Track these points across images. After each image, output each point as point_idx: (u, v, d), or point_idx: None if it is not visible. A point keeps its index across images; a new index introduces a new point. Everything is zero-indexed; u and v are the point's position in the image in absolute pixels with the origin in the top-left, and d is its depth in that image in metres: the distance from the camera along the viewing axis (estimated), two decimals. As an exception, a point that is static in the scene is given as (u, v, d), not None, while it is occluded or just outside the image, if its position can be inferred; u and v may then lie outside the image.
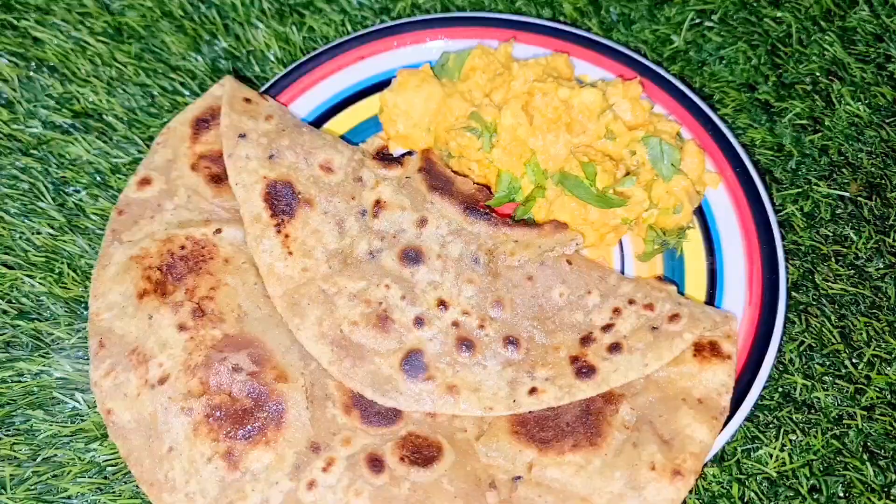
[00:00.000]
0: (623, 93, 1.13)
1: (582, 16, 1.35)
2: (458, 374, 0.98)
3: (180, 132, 1.16)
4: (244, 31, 1.33)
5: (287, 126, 1.15)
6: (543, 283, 1.04)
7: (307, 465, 0.94)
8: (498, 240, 1.06)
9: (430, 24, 1.27)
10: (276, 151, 1.11)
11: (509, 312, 1.03)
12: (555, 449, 0.94)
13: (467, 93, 1.17)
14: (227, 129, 1.12)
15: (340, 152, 1.13)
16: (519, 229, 1.07)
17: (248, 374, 0.98)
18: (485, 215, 1.07)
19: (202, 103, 1.18)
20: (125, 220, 1.10)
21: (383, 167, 1.13)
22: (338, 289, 1.04)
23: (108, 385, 1.00)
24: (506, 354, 1.00)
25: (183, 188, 1.12)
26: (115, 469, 1.03)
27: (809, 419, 1.04)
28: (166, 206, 1.11)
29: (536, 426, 0.97)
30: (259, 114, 1.15)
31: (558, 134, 1.10)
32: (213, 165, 1.13)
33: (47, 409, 1.06)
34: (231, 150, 1.10)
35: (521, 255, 1.05)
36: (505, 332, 1.01)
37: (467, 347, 1.00)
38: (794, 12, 1.34)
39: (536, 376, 0.98)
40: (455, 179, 1.14)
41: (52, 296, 1.12)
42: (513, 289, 1.04)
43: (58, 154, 1.23)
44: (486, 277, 1.04)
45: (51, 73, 1.28)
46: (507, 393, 0.97)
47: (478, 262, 1.05)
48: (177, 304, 1.03)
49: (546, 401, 0.96)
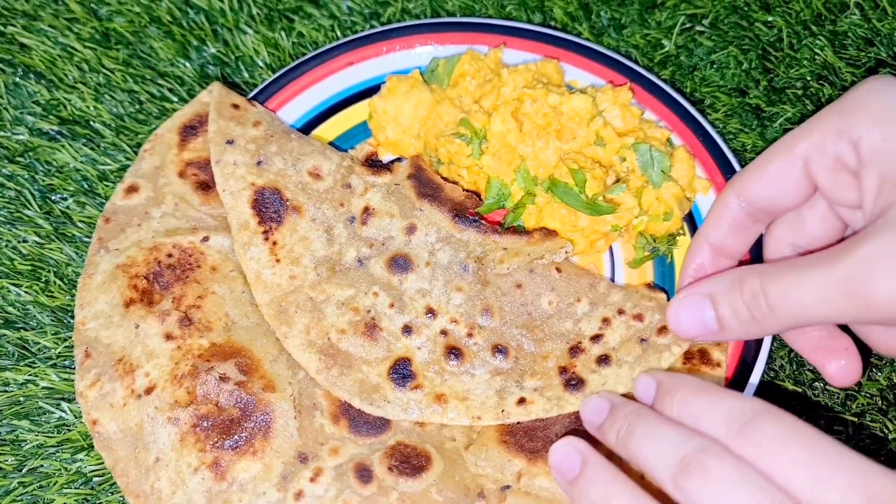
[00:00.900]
0: (613, 99, 1.13)
1: (572, 20, 1.34)
2: (447, 382, 0.98)
3: (168, 139, 1.16)
4: (233, 36, 1.33)
5: (275, 132, 1.14)
6: (532, 291, 1.04)
7: (295, 476, 0.94)
8: (487, 247, 1.06)
9: (419, 29, 1.26)
10: (264, 158, 1.10)
11: (498, 320, 1.02)
12: (544, 458, 0.94)
13: (457, 99, 1.17)
14: (214, 135, 1.11)
15: (329, 158, 1.13)
16: (508, 237, 1.06)
17: (236, 384, 0.97)
18: (474, 222, 1.06)
19: (190, 110, 1.18)
20: (112, 228, 1.10)
21: (372, 174, 1.12)
22: (326, 296, 1.03)
23: (93, 395, 0.99)
24: (494, 363, 0.99)
25: (170, 196, 1.12)
26: (101, 480, 1.02)
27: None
28: (153, 214, 1.10)
29: (525, 436, 0.96)
30: (247, 120, 1.14)
31: (548, 140, 1.09)
32: (200, 172, 1.13)
33: (33, 419, 1.05)
34: (219, 156, 1.10)
35: (511, 262, 1.04)
36: (493, 341, 1.01)
37: (455, 356, 0.99)
38: (784, 16, 1.33)
39: (525, 386, 0.97)
40: (444, 186, 1.13)
41: (39, 304, 1.11)
42: (501, 297, 1.03)
43: (45, 161, 1.22)
44: (475, 285, 1.03)
45: (38, 80, 1.28)
46: (496, 402, 0.96)
47: (466, 269, 1.04)
48: (164, 312, 1.02)
49: (535, 412, 0.96)
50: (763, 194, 0.91)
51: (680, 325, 0.92)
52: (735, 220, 0.95)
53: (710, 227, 0.97)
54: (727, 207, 0.95)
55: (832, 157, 0.84)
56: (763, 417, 0.73)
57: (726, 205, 0.95)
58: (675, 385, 0.82)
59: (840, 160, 0.83)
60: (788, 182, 0.89)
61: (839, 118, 0.83)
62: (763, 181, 0.91)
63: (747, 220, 0.95)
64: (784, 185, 0.89)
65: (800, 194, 0.90)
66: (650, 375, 0.86)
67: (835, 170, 0.84)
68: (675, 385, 0.82)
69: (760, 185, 0.91)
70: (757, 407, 0.74)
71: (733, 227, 0.95)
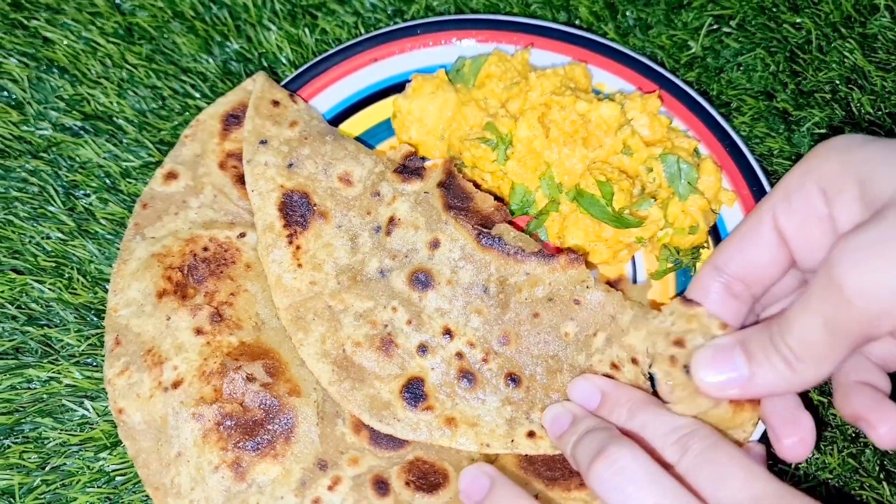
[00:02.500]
0: (641, 107, 1.12)
1: (598, 20, 1.33)
2: (457, 406, 0.97)
3: (210, 126, 1.15)
4: (256, 32, 1.32)
5: (311, 134, 1.13)
6: (550, 321, 1.01)
7: (313, 482, 0.94)
8: (510, 269, 1.03)
9: (445, 26, 1.24)
10: (295, 160, 1.09)
11: (514, 348, 1.00)
12: (561, 486, 0.94)
13: (482, 101, 1.16)
14: (249, 134, 1.11)
15: (362, 164, 1.11)
16: (531, 261, 1.02)
17: (262, 385, 0.98)
18: (498, 242, 1.04)
19: (233, 97, 1.17)
20: (149, 215, 1.10)
21: (402, 181, 1.09)
22: (344, 306, 1.02)
23: (122, 384, 1.00)
24: (506, 391, 0.98)
25: (210, 186, 1.11)
26: (124, 479, 1.03)
27: (825, 437, 1.03)
28: (191, 204, 1.10)
29: (544, 465, 0.96)
30: (284, 119, 1.13)
31: (574, 148, 1.08)
32: (240, 165, 1.12)
33: (56, 416, 1.06)
34: (251, 155, 1.09)
35: (532, 290, 1.02)
36: (508, 369, 0.99)
37: (469, 380, 0.98)
38: (813, 18, 1.31)
39: (534, 420, 0.97)
40: (475, 196, 1.10)
41: (62, 301, 1.12)
42: (519, 324, 1.01)
43: (68, 157, 1.22)
44: (495, 309, 1.02)
45: (61, 75, 1.27)
46: (506, 431, 0.96)
47: (487, 292, 1.03)
48: (196, 307, 1.02)
49: (543, 448, 0.95)
50: (739, 264, 0.91)
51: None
52: (719, 296, 0.93)
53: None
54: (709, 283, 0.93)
55: (801, 204, 0.84)
56: (694, 434, 0.83)
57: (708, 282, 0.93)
58: (622, 397, 0.91)
59: (809, 204, 0.84)
60: (762, 245, 0.88)
61: (801, 169, 0.85)
62: (737, 250, 0.91)
63: (728, 295, 0.93)
64: (757, 250, 0.89)
65: (775, 261, 0.89)
66: (590, 383, 0.93)
67: (804, 217, 0.84)
68: (622, 397, 0.91)
69: (735, 254, 0.91)
70: (691, 424, 0.85)
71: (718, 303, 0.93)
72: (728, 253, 0.91)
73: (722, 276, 0.92)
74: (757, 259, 0.89)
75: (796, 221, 0.85)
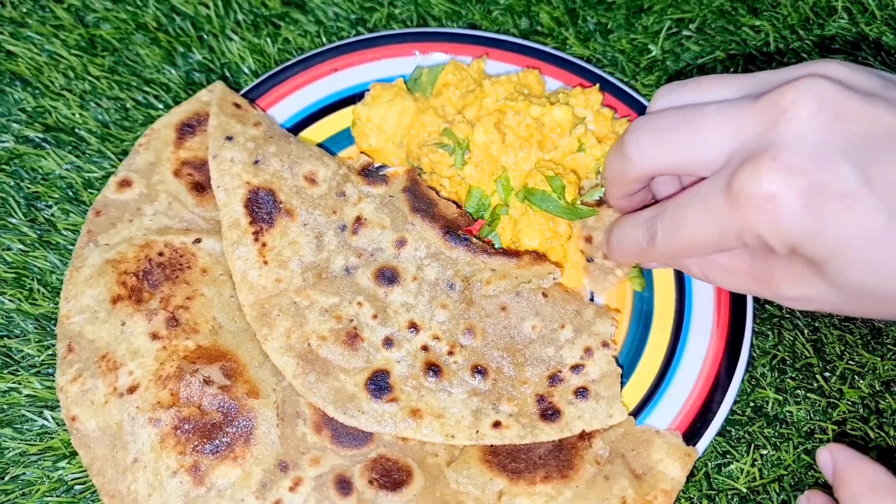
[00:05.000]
0: (585, 102, 1.13)
1: (559, 25, 1.34)
2: (423, 398, 0.97)
3: (164, 135, 1.15)
4: (219, 43, 1.33)
5: (275, 134, 1.14)
6: (517, 315, 1.03)
7: (274, 484, 0.93)
8: (475, 267, 1.05)
9: (403, 38, 1.27)
10: (261, 157, 1.10)
11: (480, 341, 1.02)
12: (526, 479, 0.93)
13: (440, 108, 1.17)
14: (214, 129, 1.11)
15: (326, 165, 1.12)
16: (497, 258, 1.05)
17: (220, 388, 0.97)
18: (464, 241, 1.06)
19: (188, 107, 1.17)
20: (102, 222, 1.09)
21: (367, 184, 1.11)
22: (310, 302, 1.03)
23: (74, 391, 0.99)
24: (473, 383, 0.99)
25: (164, 194, 1.11)
26: (82, 487, 1.02)
27: (781, 433, 1.03)
28: (146, 211, 1.10)
29: (508, 457, 0.96)
30: (248, 119, 1.14)
31: (530, 151, 1.09)
32: (195, 173, 1.12)
33: (16, 426, 1.05)
34: (217, 151, 1.09)
35: (497, 284, 1.03)
36: (474, 361, 1.00)
37: (434, 372, 0.99)
38: (772, 21, 1.33)
39: (501, 410, 0.97)
40: (439, 202, 1.12)
41: (22, 312, 1.11)
42: (485, 318, 1.03)
43: (30, 168, 1.22)
44: (460, 304, 1.03)
45: (23, 87, 1.28)
46: (471, 422, 0.96)
47: (453, 287, 1.04)
48: (151, 311, 1.02)
49: (509, 437, 0.95)
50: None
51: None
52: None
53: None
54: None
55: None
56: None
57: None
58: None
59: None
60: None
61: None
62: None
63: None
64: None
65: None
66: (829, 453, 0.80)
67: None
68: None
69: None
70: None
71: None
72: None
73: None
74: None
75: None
